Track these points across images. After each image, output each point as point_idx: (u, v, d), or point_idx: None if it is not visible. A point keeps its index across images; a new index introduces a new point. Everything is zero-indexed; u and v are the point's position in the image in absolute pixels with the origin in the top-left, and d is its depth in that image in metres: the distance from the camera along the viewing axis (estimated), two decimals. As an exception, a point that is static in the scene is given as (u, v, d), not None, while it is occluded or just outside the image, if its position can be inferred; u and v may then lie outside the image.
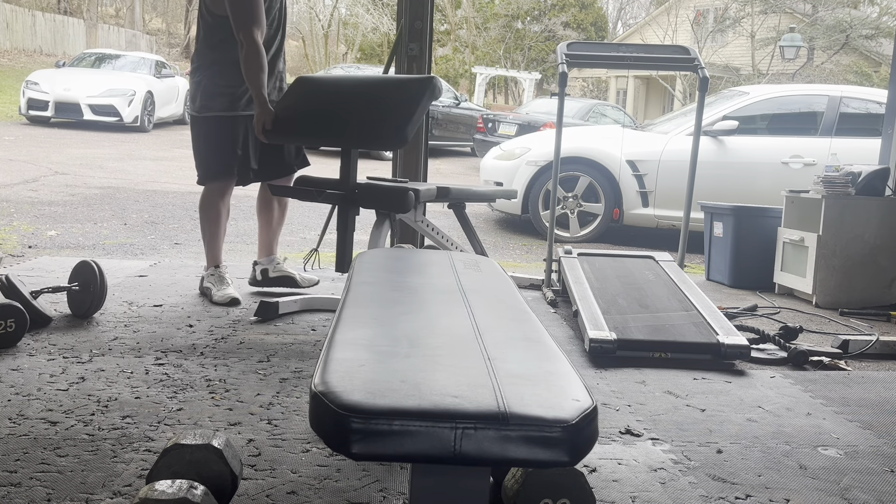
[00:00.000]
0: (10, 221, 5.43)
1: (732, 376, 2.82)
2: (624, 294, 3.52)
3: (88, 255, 4.51)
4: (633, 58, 4.18)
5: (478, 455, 1.01)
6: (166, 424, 2.08)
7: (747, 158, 6.19)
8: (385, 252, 2.16)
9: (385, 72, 4.53)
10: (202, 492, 1.36)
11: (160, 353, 2.69)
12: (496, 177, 6.75)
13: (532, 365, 1.23)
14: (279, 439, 2.03)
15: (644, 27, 28.03)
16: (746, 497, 1.86)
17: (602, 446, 2.10)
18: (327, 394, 1.04)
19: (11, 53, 21.45)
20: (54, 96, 12.64)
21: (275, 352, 2.78)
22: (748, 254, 4.56)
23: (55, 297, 3.27)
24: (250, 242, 5.33)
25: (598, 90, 30.08)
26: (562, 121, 4.18)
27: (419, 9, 4.10)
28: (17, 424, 2.03)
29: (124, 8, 31.17)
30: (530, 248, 6.16)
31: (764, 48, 22.49)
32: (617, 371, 2.81)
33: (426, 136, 4.25)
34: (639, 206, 6.29)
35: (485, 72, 21.63)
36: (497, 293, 1.74)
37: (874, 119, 6.17)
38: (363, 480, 1.82)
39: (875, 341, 3.21)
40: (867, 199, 4.16)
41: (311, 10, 28.65)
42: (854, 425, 2.39)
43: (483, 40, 29.17)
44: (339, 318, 1.43)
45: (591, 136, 7.14)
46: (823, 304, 4.10)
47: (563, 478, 1.52)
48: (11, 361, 2.52)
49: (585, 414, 1.05)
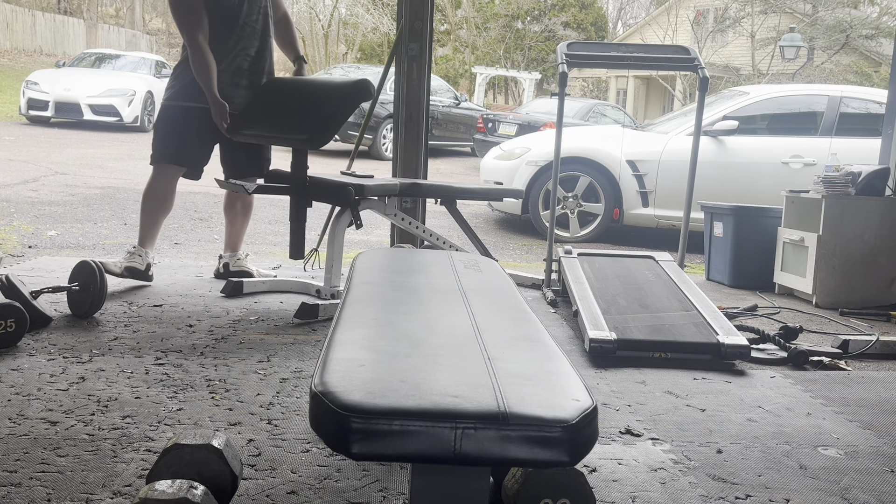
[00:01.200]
0: (10, 221, 5.43)
1: (732, 376, 2.82)
2: (624, 294, 3.52)
3: (88, 255, 4.50)
4: (633, 58, 4.18)
5: (478, 455, 1.01)
6: (166, 424, 2.08)
7: (747, 158, 6.19)
8: (385, 252, 2.16)
9: (385, 72, 4.53)
10: (202, 492, 1.36)
11: (160, 353, 2.69)
12: (496, 177, 6.75)
13: (532, 365, 1.23)
14: (279, 439, 2.03)
15: (644, 27, 28.02)
16: (746, 497, 1.86)
17: (602, 446, 2.10)
18: (327, 394, 1.04)
19: (11, 53, 21.45)
20: (54, 96, 12.64)
21: (275, 352, 2.78)
22: (748, 254, 4.56)
23: (55, 297, 3.27)
24: (250, 242, 5.33)
25: (598, 90, 30.07)
26: (562, 121, 4.18)
27: (419, 9, 4.10)
28: (17, 424, 2.02)
29: (124, 8, 31.17)
30: (530, 248, 6.16)
31: (764, 48, 22.48)
32: (617, 371, 2.81)
33: (426, 136, 4.25)
34: (639, 206, 6.28)
35: (485, 72, 21.63)
36: (497, 293, 1.74)
37: (874, 119, 6.17)
38: (363, 480, 1.81)
39: (875, 341, 3.21)
40: (867, 199, 4.16)
41: (311, 10, 28.64)
42: (854, 425, 2.39)
43: (483, 40, 29.16)
44: (339, 318, 1.43)
45: (592, 136, 7.14)
46: (823, 304, 4.10)
47: (563, 478, 1.52)
48: (11, 361, 2.52)
49: (585, 414, 1.05)
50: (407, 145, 4.23)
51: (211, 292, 3.62)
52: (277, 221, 6.14)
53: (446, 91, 14.42)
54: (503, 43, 28.47)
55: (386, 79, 4.57)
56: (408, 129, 4.22)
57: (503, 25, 28.67)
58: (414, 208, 4.21)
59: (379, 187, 3.37)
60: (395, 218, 3.65)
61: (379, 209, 3.55)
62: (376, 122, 11.91)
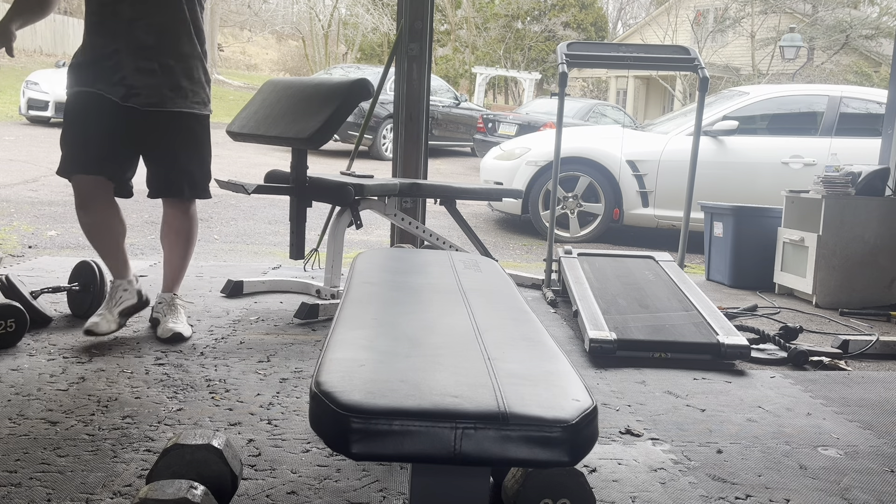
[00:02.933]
0: (10, 221, 5.43)
1: (732, 376, 2.82)
2: (624, 294, 3.52)
3: (88, 255, 4.50)
4: (633, 58, 4.18)
5: (478, 455, 1.01)
6: (166, 424, 2.08)
7: (747, 158, 6.19)
8: (385, 252, 2.16)
9: (385, 72, 4.53)
10: (202, 492, 1.36)
11: (160, 353, 2.69)
12: (496, 177, 6.75)
13: (532, 365, 1.23)
14: (279, 439, 2.03)
15: (644, 27, 28.02)
16: (746, 497, 1.86)
17: (602, 446, 2.10)
18: (327, 394, 1.04)
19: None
20: (54, 96, 12.63)
21: (275, 352, 2.78)
22: (748, 254, 4.56)
23: (55, 297, 3.27)
24: (250, 242, 5.33)
25: (598, 90, 30.07)
26: (562, 121, 4.18)
27: (419, 9, 4.10)
28: (17, 424, 2.02)
29: (124, 8, 31.11)
30: (530, 248, 6.16)
31: (764, 48, 22.48)
32: (617, 371, 2.81)
33: (426, 136, 4.25)
34: (639, 206, 6.29)
35: (485, 72, 21.64)
36: (497, 293, 1.74)
37: (874, 119, 6.18)
38: (363, 480, 1.81)
39: (875, 341, 3.21)
40: (867, 199, 4.16)
41: (311, 10, 28.64)
42: (854, 425, 2.39)
43: (483, 40, 29.16)
44: (339, 318, 1.43)
45: (591, 136, 7.14)
46: (823, 304, 4.10)
47: (563, 478, 1.52)
48: (11, 361, 2.52)
49: (585, 414, 1.05)
50: (407, 145, 4.23)
51: (211, 292, 3.62)
52: (277, 221, 6.14)
53: (446, 91, 14.43)
54: (503, 43, 28.48)
55: (386, 79, 4.58)
56: (408, 129, 4.22)
57: (503, 25, 28.67)
58: (414, 208, 4.22)
59: (379, 187, 3.38)
60: (395, 218, 3.66)
61: (379, 209, 3.56)
62: (376, 122, 11.92)
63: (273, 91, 3.56)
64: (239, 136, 3.47)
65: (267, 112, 3.43)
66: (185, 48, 2.77)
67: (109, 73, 2.71)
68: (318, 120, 3.17)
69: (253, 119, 3.45)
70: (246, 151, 11.02)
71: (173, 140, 2.80)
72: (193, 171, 2.85)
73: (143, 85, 2.71)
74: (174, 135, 2.80)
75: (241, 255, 4.78)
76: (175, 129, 2.79)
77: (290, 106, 3.35)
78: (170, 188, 2.84)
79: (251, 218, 6.25)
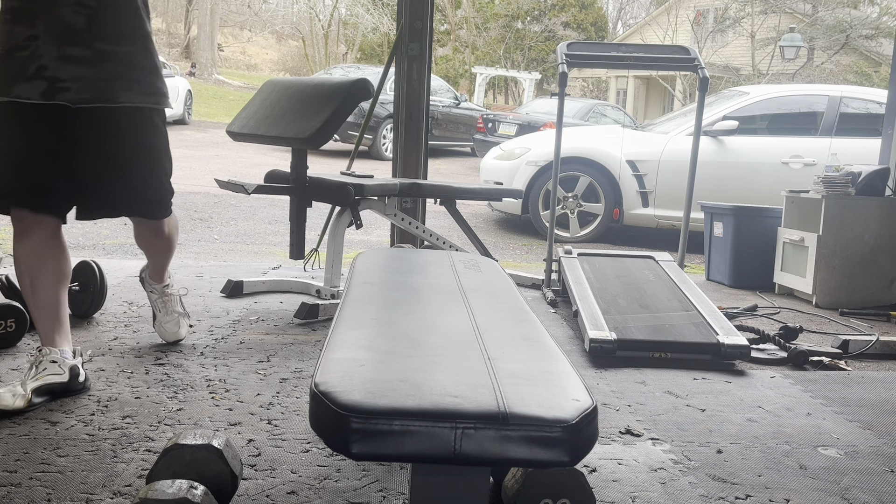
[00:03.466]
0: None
1: (732, 376, 2.82)
2: (624, 294, 3.52)
3: (88, 255, 4.50)
4: (633, 58, 4.18)
5: (478, 455, 1.01)
6: (166, 424, 2.08)
7: (747, 158, 6.19)
8: (385, 252, 2.16)
9: (385, 72, 4.53)
10: (202, 492, 1.36)
11: (160, 353, 2.69)
12: (496, 177, 6.76)
13: (532, 365, 1.23)
14: (279, 439, 2.03)
15: (644, 27, 28.02)
16: (746, 497, 1.86)
17: (602, 446, 2.10)
18: (327, 394, 1.04)
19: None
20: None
21: (275, 352, 2.78)
22: (748, 254, 4.56)
23: (55, 297, 3.27)
24: (250, 242, 5.34)
25: (598, 90, 30.08)
26: (562, 121, 4.18)
27: (419, 9, 4.11)
28: (17, 424, 2.02)
29: (124, 8, 31.11)
30: (530, 248, 6.16)
31: (764, 48, 22.48)
32: (617, 371, 2.81)
33: (426, 136, 4.25)
34: (639, 206, 6.29)
35: (485, 72, 21.65)
36: (497, 293, 1.74)
37: (874, 119, 6.18)
38: (363, 480, 1.81)
39: (875, 341, 3.21)
40: (867, 199, 4.16)
41: (311, 10, 28.65)
42: (854, 425, 2.39)
43: (483, 40, 29.16)
44: (339, 318, 1.43)
45: (591, 136, 7.15)
46: (823, 304, 4.10)
47: (563, 478, 1.52)
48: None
49: (585, 414, 1.05)
50: (407, 145, 4.23)
51: (211, 292, 3.62)
52: (277, 221, 6.14)
53: (446, 91, 14.43)
54: (503, 43, 28.48)
55: (386, 79, 4.58)
56: (408, 129, 4.22)
57: (503, 25, 28.68)
58: (414, 208, 4.22)
59: (379, 187, 3.38)
60: (395, 218, 3.66)
61: (379, 209, 3.56)
62: (376, 122, 11.92)
63: (273, 91, 3.56)
64: (239, 136, 3.47)
65: (267, 112, 3.43)
66: (125, 27, 2.17)
67: (22, 65, 2.10)
68: (318, 120, 3.17)
69: (253, 119, 3.46)
70: (246, 151, 11.02)
71: (115, 144, 2.21)
72: (144, 182, 2.28)
73: (70, 77, 2.11)
74: (116, 138, 2.21)
75: (241, 255, 4.78)
76: (116, 131, 2.21)
77: (290, 106, 3.35)
78: (108, 206, 2.28)
79: (251, 218, 6.25)
